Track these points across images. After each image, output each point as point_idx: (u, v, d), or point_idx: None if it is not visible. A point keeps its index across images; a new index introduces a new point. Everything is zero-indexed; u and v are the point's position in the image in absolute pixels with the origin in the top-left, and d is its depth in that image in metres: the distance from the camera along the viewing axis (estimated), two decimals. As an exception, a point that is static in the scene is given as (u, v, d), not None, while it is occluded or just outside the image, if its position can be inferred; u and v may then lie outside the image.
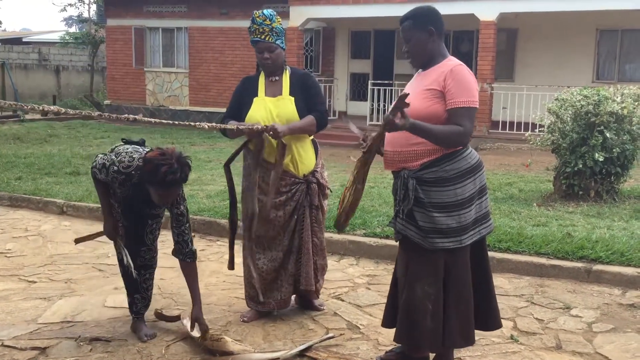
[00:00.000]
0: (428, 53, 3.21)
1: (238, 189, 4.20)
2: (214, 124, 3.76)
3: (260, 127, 3.79)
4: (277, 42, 3.96)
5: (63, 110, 3.18)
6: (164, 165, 3.30)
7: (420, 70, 3.31)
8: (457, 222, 3.12)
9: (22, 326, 3.99)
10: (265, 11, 3.98)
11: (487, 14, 13.51)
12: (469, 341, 3.27)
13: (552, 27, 14.76)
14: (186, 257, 3.71)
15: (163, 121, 3.66)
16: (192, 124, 3.56)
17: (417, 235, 3.16)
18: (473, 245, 3.22)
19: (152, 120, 3.47)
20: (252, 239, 4.06)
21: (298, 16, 15.09)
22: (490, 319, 3.37)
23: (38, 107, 3.02)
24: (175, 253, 3.74)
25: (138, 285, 3.88)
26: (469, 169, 3.16)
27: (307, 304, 4.30)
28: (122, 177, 3.50)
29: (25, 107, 3.04)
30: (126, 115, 3.47)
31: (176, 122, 3.69)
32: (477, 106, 3.13)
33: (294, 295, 4.32)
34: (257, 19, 3.94)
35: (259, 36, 3.95)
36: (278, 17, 4.03)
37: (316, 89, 4.11)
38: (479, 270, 3.29)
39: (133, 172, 3.47)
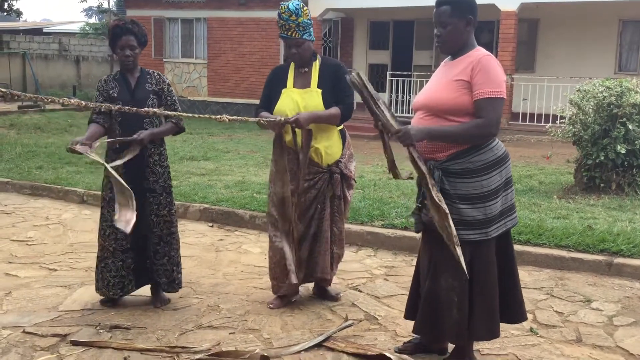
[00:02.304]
0: (461, 42, 3.16)
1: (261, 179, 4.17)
2: (235, 117, 3.78)
3: (282, 119, 3.80)
4: (304, 36, 3.95)
5: (84, 103, 3.23)
6: (114, 21, 4.18)
7: (447, 59, 3.27)
8: (483, 214, 3.09)
9: (43, 313, 4.04)
10: (290, 5, 3.89)
11: (508, 4, 13.36)
12: (494, 334, 3.25)
13: (573, 17, 14.56)
14: (179, 122, 4.14)
15: (184, 114, 3.70)
16: (214, 117, 3.61)
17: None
18: (498, 238, 3.18)
19: (175, 114, 3.56)
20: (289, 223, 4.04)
21: (316, 6, 15.02)
22: (515, 312, 3.33)
23: (58, 100, 3.03)
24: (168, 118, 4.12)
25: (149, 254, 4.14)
26: (496, 161, 3.12)
27: (324, 293, 4.31)
28: (103, 85, 4.09)
29: (46, 99, 3.05)
30: (146, 109, 3.62)
31: (196, 115, 3.72)
32: (504, 97, 3.07)
33: (312, 286, 4.34)
34: (283, 14, 3.90)
35: (285, 32, 3.95)
36: (305, 8, 3.97)
37: (345, 81, 4.08)
38: (505, 263, 3.25)
39: (107, 76, 4.17)
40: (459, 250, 3.01)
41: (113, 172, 3.60)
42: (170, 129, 4.12)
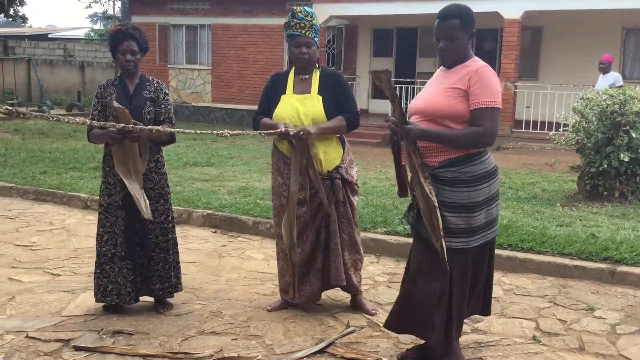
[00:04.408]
0: (463, 55, 3.21)
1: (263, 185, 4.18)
2: (236, 131, 3.83)
3: (286, 128, 3.81)
4: (315, 39, 4.01)
5: (88, 122, 3.34)
6: (115, 27, 4.20)
7: (443, 67, 3.30)
8: (467, 224, 3.14)
9: (46, 318, 4.05)
10: (307, 8, 4.05)
11: (511, 12, 13.39)
12: (459, 336, 3.40)
13: (577, 25, 14.58)
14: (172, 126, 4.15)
15: (185, 131, 3.73)
16: (216, 132, 3.65)
17: (426, 231, 3.18)
18: (483, 246, 3.25)
19: (174, 130, 3.62)
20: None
21: (321, 13, 15.07)
22: (483, 304, 3.47)
23: (64, 120, 3.08)
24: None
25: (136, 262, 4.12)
26: (486, 174, 3.17)
27: (358, 305, 4.26)
28: (101, 92, 4.08)
29: (51, 118, 3.10)
30: (150, 127, 3.71)
31: (198, 132, 3.74)
32: (500, 107, 3.14)
33: (349, 296, 4.33)
34: (299, 14, 3.98)
35: (299, 30, 3.98)
36: (317, 16, 4.10)
37: (347, 90, 4.13)
38: (482, 270, 3.35)
39: (106, 82, 4.17)
40: (443, 243, 3.06)
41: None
42: (165, 135, 4.06)
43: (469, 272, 3.25)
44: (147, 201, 3.94)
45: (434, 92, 3.24)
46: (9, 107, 2.73)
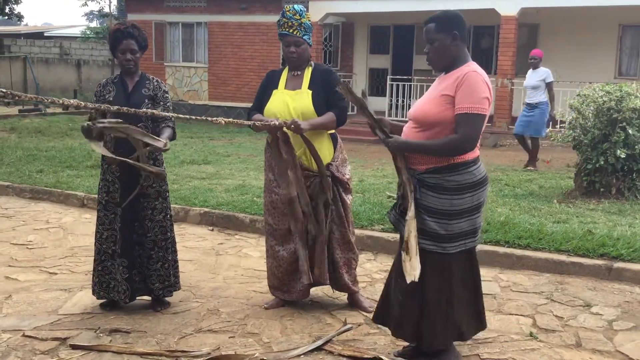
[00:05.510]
0: (449, 57, 3.20)
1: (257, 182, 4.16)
2: (230, 119, 3.83)
3: (279, 122, 3.81)
4: (304, 37, 4.01)
5: (83, 103, 3.30)
6: (115, 25, 4.21)
7: (443, 73, 3.30)
8: (445, 230, 3.17)
9: (43, 317, 4.05)
10: (295, 6, 4.04)
11: (508, 8, 13.39)
12: (444, 345, 3.32)
13: (574, 22, 14.58)
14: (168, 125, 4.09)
15: (180, 115, 3.74)
16: (210, 119, 3.66)
17: (404, 229, 3.22)
18: (460, 257, 3.25)
19: (170, 115, 3.59)
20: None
21: (317, 11, 15.06)
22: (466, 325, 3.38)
23: (58, 101, 3.07)
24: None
25: (134, 260, 4.12)
26: (471, 184, 3.17)
27: (355, 302, 4.26)
28: (100, 90, 4.12)
29: (46, 100, 3.09)
30: (144, 110, 3.64)
31: (193, 117, 3.75)
32: (484, 113, 3.10)
33: (347, 294, 4.33)
34: (288, 12, 4.00)
35: (287, 30, 3.99)
36: (308, 13, 4.09)
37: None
38: (468, 281, 3.32)
39: (105, 80, 4.20)
40: (403, 255, 3.15)
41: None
42: (170, 134, 4.04)
43: (450, 277, 3.23)
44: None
45: (427, 100, 3.26)
46: (3, 90, 2.73)
